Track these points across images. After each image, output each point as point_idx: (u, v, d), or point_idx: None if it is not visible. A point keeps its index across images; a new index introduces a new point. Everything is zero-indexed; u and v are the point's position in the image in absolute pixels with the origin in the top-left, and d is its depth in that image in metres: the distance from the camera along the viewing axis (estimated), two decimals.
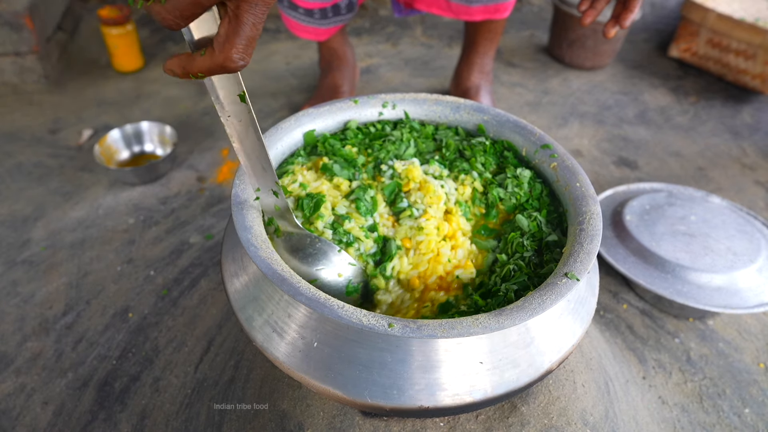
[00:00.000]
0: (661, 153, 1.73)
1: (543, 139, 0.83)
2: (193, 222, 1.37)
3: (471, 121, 0.90)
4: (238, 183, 0.71)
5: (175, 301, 1.16)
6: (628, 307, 1.19)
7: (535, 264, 0.71)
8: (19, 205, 1.41)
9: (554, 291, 0.61)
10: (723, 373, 1.06)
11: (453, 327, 0.57)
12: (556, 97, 1.98)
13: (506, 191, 0.80)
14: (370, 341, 0.61)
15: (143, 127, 1.56)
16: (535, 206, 0.78)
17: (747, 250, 1.17)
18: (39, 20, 1.84)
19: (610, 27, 1.00)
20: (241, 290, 0.69)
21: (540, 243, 0.74)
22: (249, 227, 0.65)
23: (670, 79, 2.14)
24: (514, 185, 0.80)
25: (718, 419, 0.99)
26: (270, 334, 0.65)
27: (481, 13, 1.44)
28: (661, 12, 2.65)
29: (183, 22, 0.49)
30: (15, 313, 1.14)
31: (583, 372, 0.86)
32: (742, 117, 1.93)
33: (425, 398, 0.60)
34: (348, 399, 0.61)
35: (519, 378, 0.63)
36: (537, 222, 0.75)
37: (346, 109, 0.88)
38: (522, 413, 0.77)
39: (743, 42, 1.92)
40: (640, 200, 1.30)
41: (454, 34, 2.40)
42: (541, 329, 0.65)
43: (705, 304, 1.08)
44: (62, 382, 1.01)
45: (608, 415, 0.85)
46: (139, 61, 2.01)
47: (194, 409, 0.95)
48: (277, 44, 2.25)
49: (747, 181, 1.62)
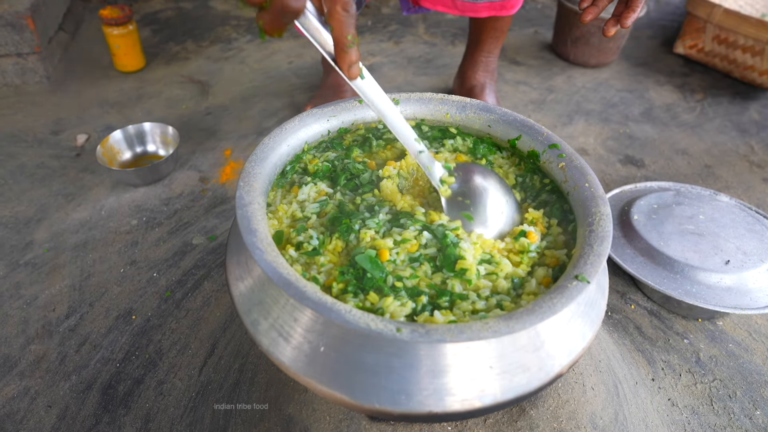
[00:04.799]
0: (668, 151, 1.71)
1: (551, 139, 0.82)
2: (196, 223, 1.36)
3: (477, 121, 0.88)
4: (242, 185, 0.69)
5: (178, 303, 1.15)
6: (636, 307, 1.18)
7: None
8: (21, 206, 1.41)
9: (564, 294, 0.60)
10: (733, 374, 1.05)
11: (462, 331, 0.56)
12: (560, 95, 1.97)
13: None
14: (377, 346, 0.60)
15: (145, 128, 1.55)
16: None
17: (757, 249, 1.16)
18: (40, 21, 1.83)
19: (611, 26, 0.98)
20: (246, 294, 0.68)
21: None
22: (254, 230, 0.64)
23: (676, 76, 2.12)
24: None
25: (729, 421, 0.97)
26: (276, 339, 0.64)
27: (487, 10, 1.42)
28: (666, 8, 2.63)
29: (283, 28, 0.58)
30: (18, 315, 1.13)
31: (592, 375, 0.85)
32: (750, 114, 1.91)
33: (434, 403, 0.59)
34: (355, 404, 0.60)
35: (529, 382, 0.62)
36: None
37: (350, 109, 0.87)
38: (531, 417, 0.76)
39: (750, 38, 1.90)
40: (648, 199, 1.29)
41: (457, 31, 2.38)
42: (551, 333, 0.64)
43: (714, 305, 1.07)
44: (66, 385, 1.01)
45: (618, 418, 0.84)
46: (140, 61, 2.00)
47: (198, 412, 0.94)
48: (280, 43, 2.24)
49: (755, 179, 1.60)
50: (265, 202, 0.71)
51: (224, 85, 1.95)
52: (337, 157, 0.85)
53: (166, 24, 2.37)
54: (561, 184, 0.79)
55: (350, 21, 0.62)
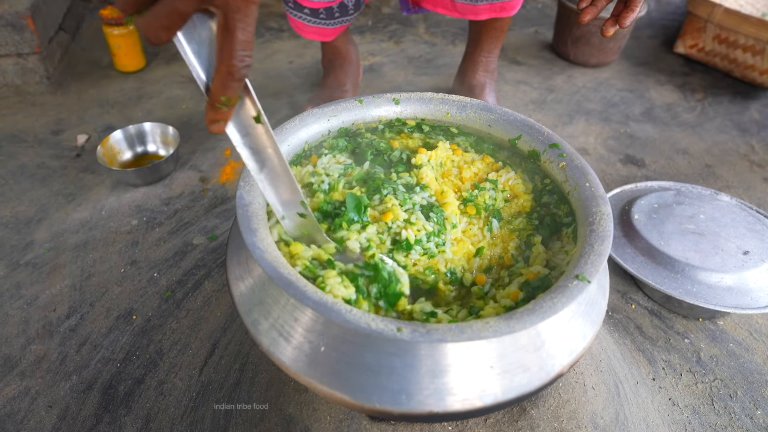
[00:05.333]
0: (668, 150, 1.71)
1: (551, 139, 0.82)
2: (197, 223, 1.36)
3: (478, 121, 0.88)
4: (243, 185, 0.69)
5: (179, 303, 1.15)
6: (636, 307, 1.17)
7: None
8: (22, 206, 1.41)
9: (565, 293, 0.60)
10: (734, 374, 1.05)
11: (463, 331, 0.56)
12: (561, 94, 1.97)
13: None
14: (378, 345, 0.60)
15: (146, 128, 1.55)
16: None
17: (758, 248, 1.16)
18: (41, 21, 1.83)
19: (610, 26, 0.98)
20: (247, 294, 0.68)
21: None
22: (254, 230, 0.64)
23: (677, 76, 2.12)
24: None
25: (730, 421, 0.97)
26: (276, 339, 0.64)
27: (487, 12, 1.42)
28: (667, 8, 2.63)
29: (167, 34, 0.49)
30: (19, 315, 1.13)
31: (592, 374, 0.85)
32: (750, 113, 1.91)
33: (434, 403, 0.59)
34: (356, 404, 0.60)
35: (530, 382, 0.62)
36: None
37: (351, 109, 0.87)
38: (532, 417, 0.76)
39: (751, 37, 1.90)
40: (648, 199, 1.29)
41: (457, 31, 2.38)
42: (551, 332, 0.64)
43: (715, 304, 1.07)
44: (66, 385, 1.01)
45: (618, 417, 0.84)
46: (141, 61, 2.00)
47: (199, 412, 0.94)
48: (280, 43, 2.24)
49: (756, 179, 1.60)
50: (265, 202, 0.71)
51: None
52: (351, 139, 0.88)
53: None
54: (561, 184, 0.79)
55: (233, 85, 0.53)
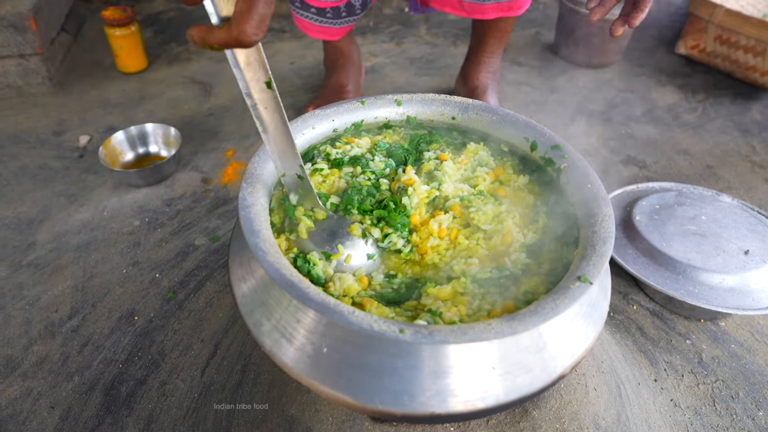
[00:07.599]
0: (670, 151, 1.71)
1: (553, 140, 0.82)
2: (199, 224, 1.36)
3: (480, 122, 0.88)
4: (245, 186, 0.70)
5: (180, 304, 1.15)
6: (638, 308, 1.17)
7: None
8: (24, 207, 1.41)
9: (567, 295, 0.60)
10: (736, 375, 1.05)
11: (465, 332, 0.56)
12: (562, 95, 1.97)
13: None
14: (380, 347, 0.60)
15: (148, 129, 1.55)
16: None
17: (759, 250, 1.16)
18: (43, 22, 1.83)
19: (618, 26, 0.98)
20: (249, 295, 0.68)
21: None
22: (257, 231, 0.64)
23: (678, 77, 2.12)
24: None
25: (732, 422, 0.97)
26: (278, 340, 0.64)
27: (494, 11, 1.42)
28: (668, 8, 2.63)
29: None
30: (21, 316, 1.13)
31: (594, 375, 0.85)
32: (752, 114, 1.91)
33: (437, 404, 0.59)
34: (358, 405, 0.60)
35: (532, 383, 0.62)
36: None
37: (353, 110, 0.87)
38: (534, 418, 0.76)
39: (752, 38, 1.89)
40: (650, 200, 1.29)
41: (459, 32, 2.38)
42: (553, 334, 0.64)
43: (717, 306, 1.07)
44: (69, 386, 1.01)
45: (620, 418, 0.84)
46: (143, 61, 2.00)
47: (201, 413, 0.94)
48: (282, 44, 2.25)
49: (757, 180, 1.60)
50: (267, 204, 0.71)
51: (226, 86, 1.95)
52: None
53: (168, 25, 2.37)
54: (563, 185, 0.79)
55: (233, 47, 0.58)
